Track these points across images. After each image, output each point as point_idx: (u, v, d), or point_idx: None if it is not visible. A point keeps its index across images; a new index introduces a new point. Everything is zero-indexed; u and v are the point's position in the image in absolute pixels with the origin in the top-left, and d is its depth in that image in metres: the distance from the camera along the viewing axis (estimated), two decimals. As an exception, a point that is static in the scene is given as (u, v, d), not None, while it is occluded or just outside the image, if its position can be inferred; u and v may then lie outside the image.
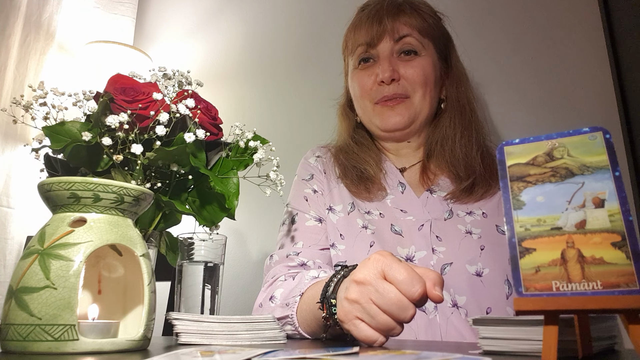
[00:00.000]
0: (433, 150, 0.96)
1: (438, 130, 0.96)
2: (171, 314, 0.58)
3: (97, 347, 0.45)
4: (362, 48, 0.96)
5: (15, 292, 0.45)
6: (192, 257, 0.74)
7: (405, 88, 0.93)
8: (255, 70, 1.62)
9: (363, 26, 0.96)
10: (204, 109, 0.75)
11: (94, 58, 1.49)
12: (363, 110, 0.98)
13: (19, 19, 1.42)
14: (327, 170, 1.00)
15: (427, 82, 0.93)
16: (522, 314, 0.32)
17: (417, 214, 0.89)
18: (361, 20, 0.97)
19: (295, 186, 1.01)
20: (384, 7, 0.96)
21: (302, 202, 0.96)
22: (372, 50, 0.95)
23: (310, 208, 0.95)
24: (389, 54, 0.94)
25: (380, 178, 0.94)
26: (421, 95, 0.93)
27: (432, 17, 0.98)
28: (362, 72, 0.97)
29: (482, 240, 0.84)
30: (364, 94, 0.96)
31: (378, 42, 0.94)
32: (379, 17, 0.94)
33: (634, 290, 0.30)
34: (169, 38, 1.77)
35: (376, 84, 0.94)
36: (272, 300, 0.80)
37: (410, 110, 0.93)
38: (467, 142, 0.93)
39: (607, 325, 0.45)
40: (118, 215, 0.50)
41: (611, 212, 0.32)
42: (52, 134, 0.69)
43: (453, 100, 0.97)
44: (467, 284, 0.79)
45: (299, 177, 1.01)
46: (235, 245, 1.45)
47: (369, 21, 0.95)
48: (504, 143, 0.38)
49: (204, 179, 0.75)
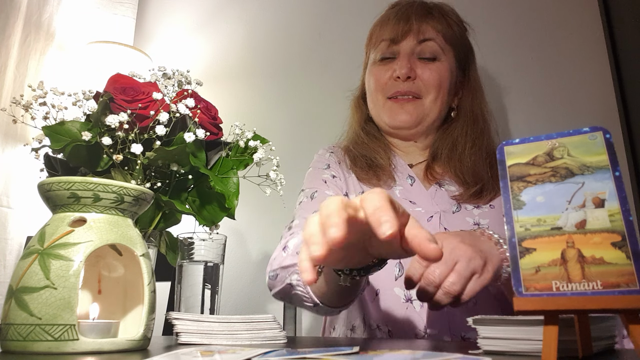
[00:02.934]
0: (439, 154, 0.97)
1: (447, 136, 0.97)
2: (171, 314, 0.58)
3: (97, 347, 0.45)
4: (385, 43, 0.97)
5: (15, 292, 0.45)
6: (192, 257, 0.74)
7: (419, 88, 0.94)
8: (255, 70, 1.62)
9: (390, 22, 0.97)
10: (203, 108, 0.75)
11: (94, 58, 1.49)
12: (374, 104, 1.00)
13: (19, 19, 1.42)
14: (341, 162, 1.02)
15: (441, 86, 0.94)
16: (522, 314, 0.32)
17: (425, 205, 0.90)
18: (389, 17, 0.99)
19: (312, 173, 1.01)
20: (414, 7, 0.97)
21: (321, 184, 0.96)
22: (395, 47, 0.96)
23: (329, 188, 0.95)
24: (409, 52, 0.95)
25: (389, 168, 0.96)
26: (433, 98, 0.94)
27: (458, 25, 1.00)
28: (380, 67, 0.98)
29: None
30: (378, 87, 0.98)
31: (402, 40, 0.95)
32: (407, 16, 0.96)
33: (634, 290, 0.29)
34: (169, 38, 1.77)
35: (392, 79, 0.95)
36: (284, 250, 0.79)
37: (419, 111, 0.94)
38: (477, 151, 0.94)
39: (607, 325, 0.45)
40: (118, 215, 0.50)
41: (611, 212, 0.32)
42: (52, 133, 0.69)
43: (467, 111, 0.98)
44: None
45: (315, 167, 1.02)
46: (235, 245, 1.45)
47: (396, 18, 0.96)
48: (504, 143, 0.38)
49: (203, 179, 0.75)
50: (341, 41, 1.53)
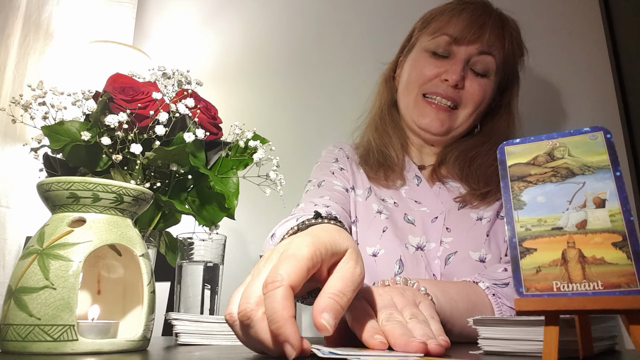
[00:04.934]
0: (449, 159, 0.95)
1: (465, 146, 0.95)
2: (171, 314, 0.58)
3: (97, 347, 0.45)
4: (447, 39, 0.91)
5: (15, 292, 0.45)
6: (191, 257, 0.74)
7: (460, 98, 0.91)
8: (255, 70, 1.62)
9: (462, 20, 0.90)
10: (203, 108, 0.75)
11: (94, 57, 1.49)
12: (408, 93, 0.96)
13: (19, 18, 1.42)
14: (350, 157, 1.01)
15: (481, 104, 0.93)
16: (522, 315, 0.32)
17: (431, 205, 0.90)
18: (463, 12, 0.91)
19: (319, 166, 1.00)
20: (492, 15, 0.92)
21: (329, 174, 0.96)
22: (454, 47, 0.91)
23: (337, 178, 0.95)
24: (466, 59, 0.91)
25: (400, 167, 0.96)
26: (469, 113, 0.92)
27: (519, 49, 0.96)
28: (430, 60, 0.93)
29: (491, 223, 0.87)
30: (419, 79, 0.93)
31: (467, 43, 0.90)
32: (483, 20, 0.90)
33: (634, 290, 0.29)
34: (169, 37, 1.76)
35: (438, 79, 0.92)
36: (272, 238, 0.78)
37: (452, 121, 0.92)
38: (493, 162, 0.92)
39: (608, 325, 0.44)
40: (117, 215, 0.50)
41: (612, 212, 0.32)
42: (51, 133, 0.69)
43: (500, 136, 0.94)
44: (471, 270, 0.81)
45: (323, 160, 1.01)
46: (235, 245, 1.45)
47: (471, 17, 0.90)
48: (504, 143, 0.37)
49: (203, 179, 0.75)
50: (341, 40, 1.52)
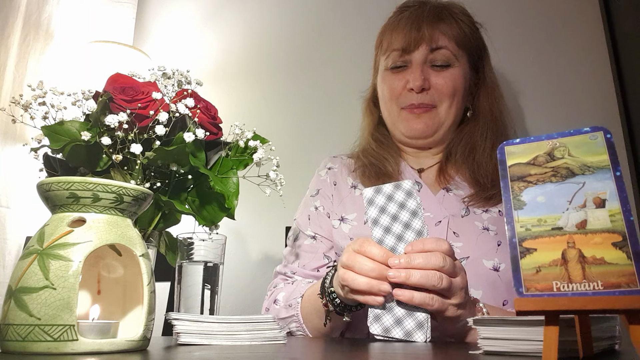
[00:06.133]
0: (454, 154, 0.96)
1: (464, 136, 0.97)
2: (171, 314, 0.58)
3: (97, 347, 0.45)
4: (397, 53, 0.96)
5: (15, 292, 0.45)
6: (191, 257, 0.74)
7: (433, 98, 0.94)
8: (255, 70, 1.62)
9: (400, 30, 0.96)
10: (203, 108, 0.75)
11: (94, 57, 1.49)
12: (389, 112, 1.00)
13: (19, 18, 1.42)
14: (337, 182, 1.02)
15: (456, 93, 0.94)
16: (522, 315, 0.32)
17: (434, 210, 0.90)
18: (400, 23, 0.97)
19: (304, 202, 1.05)
20: (425, 13, 0.95)
21: (305, 221, 1.00)
22: (407, 56, 0.95)
23: (309, 226, 0.98)
24: (422, 61, 0.94)
25: (397, 175, 0.96)
26: (447, 106, 0.94)
27: (470, 27, 0.98)
28: (393, 76, 0.97)
29: (499, 237, 0.85)
30: (392, 97, 0.97)
31: (414, 49, 0.94)
32: (418, 23, 0.94)
33: (634, 290, 0.29)
34: (169, 37, 1.76)
35: (405, 90, 0.95)
36: (276, 303, 0.88)
37: (435, 120, 0.95)
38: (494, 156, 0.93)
39: (608, 325, 0.44)
40: (117, 215, 0.50)
41: (612, 212, 0.32)
42: (51, 133, 0.69)
43: (486, 112, 0.97)
44: (485, 278, 0.81)
45: (308, 192, 1.05)
46: (235, 245, 1.45)
47: (407, 26, 0.95)
48: (504, 143, 0.38)
49: (203, 179, 0.75)
50: (341, 40, 1.52)
